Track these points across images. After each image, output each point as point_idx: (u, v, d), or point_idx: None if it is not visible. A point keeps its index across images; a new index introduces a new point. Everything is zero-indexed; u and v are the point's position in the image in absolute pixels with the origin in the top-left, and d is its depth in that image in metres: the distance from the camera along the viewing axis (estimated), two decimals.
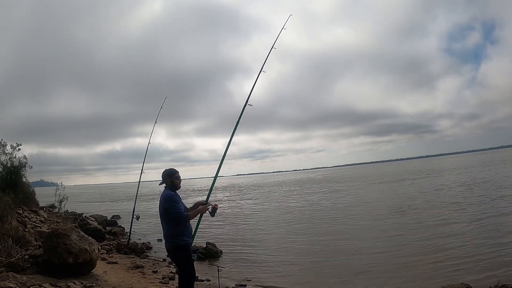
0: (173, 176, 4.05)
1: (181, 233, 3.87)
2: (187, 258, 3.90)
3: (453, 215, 11.93)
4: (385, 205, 16.27)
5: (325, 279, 6.63)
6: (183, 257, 3.88)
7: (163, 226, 4.01)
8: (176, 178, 4.07)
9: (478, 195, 16.36)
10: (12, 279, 4.41)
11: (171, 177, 4.04)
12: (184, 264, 3.89)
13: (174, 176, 4.06)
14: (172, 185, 4.04)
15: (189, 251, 3.94)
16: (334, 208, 17.36)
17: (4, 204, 6.58)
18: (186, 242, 3.89)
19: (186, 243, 3.88)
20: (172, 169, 4.11)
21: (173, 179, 4.04)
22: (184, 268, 3.90)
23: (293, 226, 12.92)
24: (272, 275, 7.04)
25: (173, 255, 4.01)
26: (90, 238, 5.88)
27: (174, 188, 4.05)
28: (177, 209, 3.85)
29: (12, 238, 5.79)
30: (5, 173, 12.10)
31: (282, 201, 24.08)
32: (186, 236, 3.91)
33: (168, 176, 4.04)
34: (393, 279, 6.27)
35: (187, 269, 3.89)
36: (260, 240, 10.67)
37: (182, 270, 3.95)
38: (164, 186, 4.07)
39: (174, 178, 4.06)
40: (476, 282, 5.51)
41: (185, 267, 3.89)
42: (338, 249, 8.84)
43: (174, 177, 4.06)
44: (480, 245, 7.74)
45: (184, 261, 3.88)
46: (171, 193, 3.96)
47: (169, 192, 3.98)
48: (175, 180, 4.06)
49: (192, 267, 3.95)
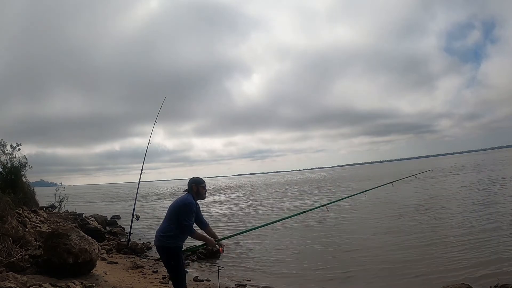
0: (199, 185, 4.02)
1: (177, 237, 3.85)
2: (176, 260, 3.86)
3: (453, 215, 11.94)
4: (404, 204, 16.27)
5: (326, 279, 6.63)
6: (172, 259, 3.85)
7: (163, 223, 3.96)
8: (203, 188, 4.04)
9: (484, 195, 16.33)
10: (12, 279, 4.41)
11: (198, 185, 4.01)
12: (174, 265, 3.87)
13: (200, 185, 4.02)
14: (198, 194, 4.01)
15: (179, 254, 3.90)
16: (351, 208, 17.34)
17: (4, 204, 6.58)
18: (178, 245, 3.87)
19: (176, 246, 3.86)
20: (199, 178, 4.09)
21: (199, 187, 4.01)
22: (175, 269, 3.88)
23: (295, 226, 12.91)
24: (272, 275, 7.05)
25: (161, 254, 3.97)
26: (90, 238, 5.88)
27: (197, 197, 4.02)
28: (189, 221, 3.81)
29: (12, 238, 5.79)
30: (5, 173, 12.12)
31: (288, 200, 24.03)
32: (180, 241, 3.89)
33: (195, 184, 4.01)
34: (393, 279, 6.27)
35: (177, 270, 3.88)
36: (261, 240, 10.66)
37: (171, 270, 3.93)
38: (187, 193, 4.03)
39: (201, 187, 4.02)
40: (476, 282, 5.51)
41: (176, 268, 3.87)
42: (339, 249, 8.84)
43: (201, 186, 4.02)
44: (480, 245, 7.74)
45: (174, 263, 3.85)
46: (192, 201, 3.91)
47: (191, 199, 3.93)
48: (201, 189, 4.02)
49: (182, 268, 3.93)
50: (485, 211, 11.90)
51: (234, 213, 18.64)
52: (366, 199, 19.44)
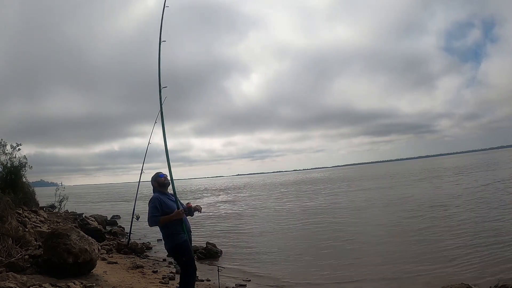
0: (157, 179, 4.23)
1: (177, 231, 3.99)
2: (187, 254, 4.01)
3: (454, 215, 11.94)
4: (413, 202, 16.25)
5: (326, 279, 6.62)
6: (183, 254, 3.99)
7: (160, 228, 4.12)
8: (160, 178, 4.23)
9: (486, 194, 16.33)
10: (12, 279, 4.41)
11: (156, 180, 4.23)
12: (185, 261, 4.00)
13: (158, 178, 4.24)
14: (161, 185, 4.20)
15: (188, 246, 4.03)
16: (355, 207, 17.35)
17: (4, 204, 6.58)
18: (184, 238, 4.00)
19: (183, 240, 3.99)
20: (155, 173, 4.31)
21: (157, 180, 4.22)
22: (188, 264, 4.01)
23: (296, 226, 12.92)
24: (272, 275, 7.04)
25: (173, 254, 4.17)
26: (90, 238, 5.88)
27: (163, 187, 4.21)
28: (150, 213, 3.98)
29: (12, 238, 5.79)
30: (5, 173, 12.11)
31: (293, 200, 24.03)
32: (182, 234, 4.01)
33: (153, 180, 4.25)
34: (393, 278, 6.27)
35: (188, 263, 4.01)
36: (261, 240, 10.67)
37: (184, 266, 4.05)
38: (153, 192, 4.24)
39: (159, 179, 4.22)
40: (476, 282, 5.51)
41: (188, 263, 4.01)
42: (340, 249, 8.84)
43: (158, 178, 4.23)
44: (480, 245, 7.74)
45: (186, 257, 4.00)
46: (154, 196, 4.11)
47: (154, 195, 4.13)
48: (160, 180, 4.22)
49: (193, 260, 4.11)
50: (486, 211, 11.90)
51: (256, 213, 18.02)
52: (366, 200, 19.56)
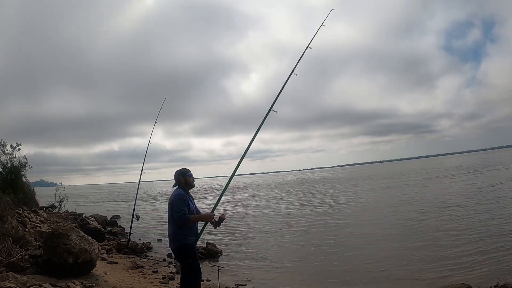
0: (185, 175, 4.09)
1: (186, 233, 3.91)
2: (194, 257, 3.96)
3: (453, 215, 11.94)
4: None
5: (326, 279, 6.62)
6: (189, 256, 3.93)
7: (169, 225, 4.02)
8: (189, 177, 4.10)
9: (490, 195, 16.32)
10: (12, 279, 4.41)
11: (184, 176, 4.08)
12: (191, 263, 3.94)
13: (187, 175, 4.09)
14: (186, 184, 4.07)
15: (195, 249, 4.00)
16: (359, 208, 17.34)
17: (4, 204, 6.59)
18: (192, 241, 3.95)
19: (191, 242, 3.94)
20: (184, 168, 4.15)
21: (186, 177, 4.08)
22: (192, 267, 3.96)
23: (297, 225, 12.91)
24: (272, 275, 7.04)
25: (179, 255, 4.05)
26: (90, 238, 5.88)
27: (187, 187, 4.09)
28: (180, 209, 3.85)
29: (12, 238, 5.79)
30: (5, 173, 12.13)
31: (295, 201, 24.04)
32: (191, 236, 3.96)
33: (181, 175, 4.08)
34: (393, 278, 6.27)
35: (194, 266, 3.96)
36: (261, 240, 10.66)
37: (188, 268, 3.99)
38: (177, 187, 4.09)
39: (187, 177, 4.09)
40: (476, 282, 5.51)
41: (193, 266, 3.95)
42: (341, 249, 8.83)
43: (187, 176, 4.09)
44: (480, 245, 7.74)
45: (191, 260, 3.93)
46: (182, 192, 3.99)
47: (180, 191, 4.00)
48: (188, 179, 4.09)
49: (198, 264, 4.04)
50: (486, 211, 11.90)
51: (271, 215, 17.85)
52: (368, 199, 19.55)
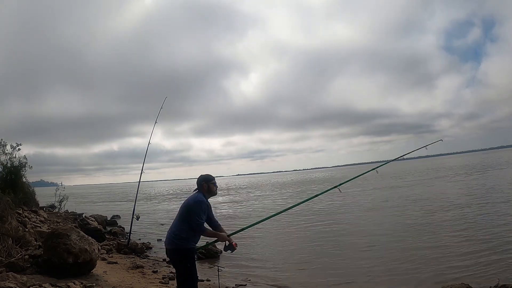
0: (210, 182, 3.93)
1: (189, 238, 3.78)
2: (192, 262, 3.82)
3: (454, 215, 11.95)
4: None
5: (327, 279, 6.62)
6: (188, 261, 3.78)
7: (175, 224, 3.86)
8: (213, 185, 3.95)
9: (490, 196, 16.30)
10: (12, 279, 4.41)
11: (208, 183, 3.92)
12: (189, 267, 3.79)
13: (211, 182, 3.94)
14: (209, 191, 3.93)
15: (194, 255, 3.87)
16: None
17: (4, 204, 6.59)
18: (192, 246, 3.82)
19: (191, 247, 3.81)
20: (208, 175, 4.00)
21: (210, 185, 3.92)
22: (189, 271, 3.80)
23: (297, 225, 12.90)
24: (272, 275, 7.03)
25: (177, 257, 3.85)
26: (90, 238, 5.88)
27: (209, 194, 3.95)
28: (201, 219, 3.73)
29: (12, 238, 5.79)
30: (5, 173, 12.13)
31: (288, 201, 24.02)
32: (193, 242, 3.83)
33: (205, 181, 3.92)
34: (393, 278, 6.27)
35: (192, 272, 3.80)
36: (261, 240, 10.66)
37: (185, 272, 3.83)
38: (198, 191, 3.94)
39: (211, 184, 3.94)
40: (476, 282, 5.51)
41: (190, 271, 3.80)
42: (342, 249, 8.82)
43: (211, 183, 3.94)
44: (480, 245, 7.73)
45: (190, 265, 3.79)
46: (203, 199, 3.83)
47: (202, 197, 3.85)
48: (212, 187, 3.94)
49: (195, 270, 3.87)
50: (486, 211, 11.90)
51: None
52: (368, 200, 19.53)
